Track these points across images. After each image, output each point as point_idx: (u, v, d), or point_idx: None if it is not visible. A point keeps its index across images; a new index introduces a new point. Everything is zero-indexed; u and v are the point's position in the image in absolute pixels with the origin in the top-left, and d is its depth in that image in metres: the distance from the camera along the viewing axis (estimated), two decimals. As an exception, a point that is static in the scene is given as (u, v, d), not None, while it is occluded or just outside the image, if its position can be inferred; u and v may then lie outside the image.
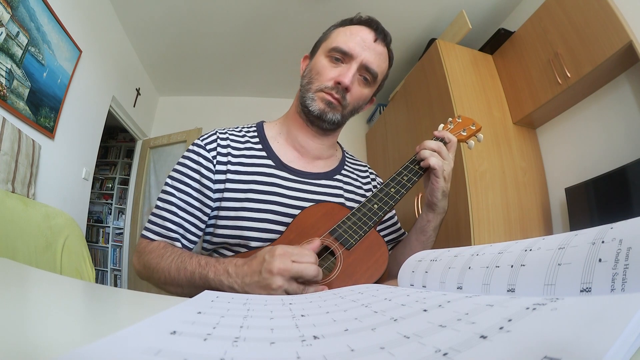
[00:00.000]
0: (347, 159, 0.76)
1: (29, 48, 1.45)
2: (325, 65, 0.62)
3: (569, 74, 1.42)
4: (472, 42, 2.04)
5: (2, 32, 1.29)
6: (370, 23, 0.64)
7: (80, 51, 1.82)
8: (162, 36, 2.40)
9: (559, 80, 1.47)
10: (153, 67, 2.76)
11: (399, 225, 0.75)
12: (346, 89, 0.60)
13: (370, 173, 0.78)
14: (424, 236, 0.62)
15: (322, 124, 0.64)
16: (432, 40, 2.06)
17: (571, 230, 0.40)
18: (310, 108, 0.62)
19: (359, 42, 0.61)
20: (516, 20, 1.99)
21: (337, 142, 0.78)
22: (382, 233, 0.71)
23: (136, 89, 2.65)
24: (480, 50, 1.98)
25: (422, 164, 0.58)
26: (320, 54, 0.65)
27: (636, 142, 1.31)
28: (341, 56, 0.61)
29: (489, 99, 1.78)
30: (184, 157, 0.63)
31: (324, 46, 0.65)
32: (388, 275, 0.69)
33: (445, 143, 0.61)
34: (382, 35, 0.64)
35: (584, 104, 1.56)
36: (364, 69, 0.62)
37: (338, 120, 0.64)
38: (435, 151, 0.58)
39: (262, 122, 0.73)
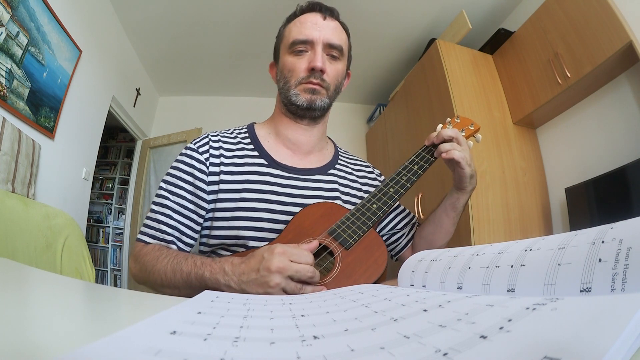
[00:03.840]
0: (340, 153, 0.76)
1: (29, 48, 1.45)
2: (292, 61, 0.64)
3: (569, 74, 1.42)
4: (472, 42, 2.04)
5: (2, 32, 1.29)
6: (313, 7, 0.66)
7: (80, 51, 1.82)
8: (162, 36, 2.40)
9: (559, 80, 1.47)
10: (153, 67, 2.76)
11: (407, 210, 0.77)
12: (321, 71, 0.62)
13: (366, 167, 0.78)
14: (454, 212, 0.65)
15: (313, 113, 0.65)
16: (432, 40, 2.06)
17: (571, 230, 0.40)
18: (297, 103, 0.63)
19: (311, 26, 0.63)
20: (516, 20, 1.99)
21: (329, 138, 0.78)
22: (397, 219, 0.73)
23: (136, 89, 2.65)
24: (480, 50, 1.98)
25: (444, 155, 0.59)
26: (283, 55, 0.66)
27: (636, 142, 1.31)
28: (303, 46, 0.63)
29: (489, 99, 1.78)
30: (177, 161, 0.63)
31: (283, 46, 0.67)
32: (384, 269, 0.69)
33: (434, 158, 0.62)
34: (328, 12, 0.66)
35: (584, 104, 1.56)
36: (328, 47, 0.64)
37: (326, 104, 0.65)
38: (453, 140, 0.59)
39: (253, 123, 0.74)
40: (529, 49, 1.68)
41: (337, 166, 0.72)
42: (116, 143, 3.76)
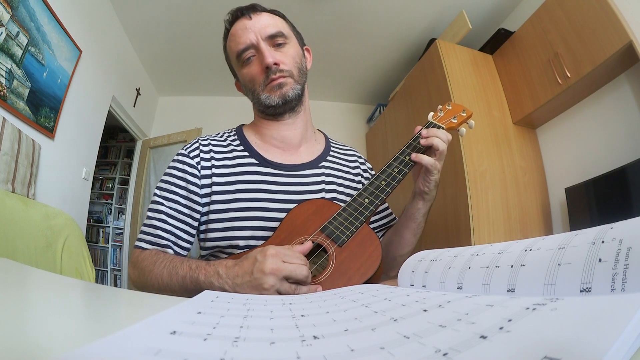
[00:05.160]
0: (332, 145, 0.76)
1: (29, 48, 1.45)
2: (247, 71, 0.65)
3: (569, 74, 1.42)
4: (472, 42, 2.04)
5: (2, 32, 1.29)
6: (235, 15, 0.66)
7: (80, 51, 1.82)
8: (162, 36, 2.40)
9: (559, 80, 1.47)
10: (153, 67, 2.76)
11: (389, 210, 0.76)
12: (276, 64, 0.62)
13: (358, 157, 0.78)
14: (414, 223, 0.63)
15: (290, 105, 0.65)
16: (432, 40, 2.06)
17: (571, 230, 0.40)
18: (272, 104, 0.64)
19: (243, 32, 0.63)
20: (516, 20, 1.99)
21: (320, 130, 0.78)
22: (372, 219, 0.71)
23: (136, 89, 2.65)
24: (480, 50, 1.98)
25: (413, 158, 0.58)
26: (238, 70, 0.68)
27: (636, 142, 1.31)
28: (248, 53, 0.63)
29: (489, 99, 1.78)
30: (169, 167, 0.64)
31: (233, 64, 0.69)
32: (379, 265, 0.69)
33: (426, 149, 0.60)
34: (250, 10, 0.65)
35: (584, 104, 1.56)
36: (268, 39, 0.63)
37: (299, 90, 0.65)
38: (439, 148, 0.58)
39: (242, 125, 0.74)
40: (529, 49, 1.68)
41: (328, 158, 0.72)
42: (116, 143, 3.75)
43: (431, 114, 0.67)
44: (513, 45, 1.80)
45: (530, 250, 0.23)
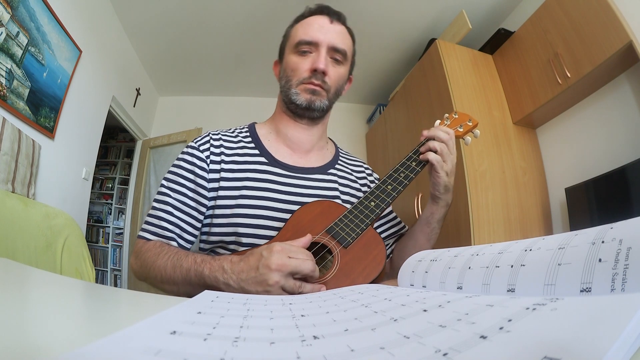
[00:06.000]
0: (340, 154, 0.77)
1: (29, 48, 1.45)
2: (296, 60, 0.64)
3: (569, 74, 1.42)
4: (472, 42, 2.04)
5: (2, 32, 1.29)
6: (321, 10, 0.67)
7: (80, 51, 1.82)
8: (162, 36, 2.40)
9: (559, 80, 1.47)
10: (153, 67, 2.76)
11: (398, 219, 0.76)
12: (323, 73, 0.63)
13: (366, 168, 0.79)
14: (428, 228, 0.64)
15: (312, 114, 0.66)
16: (432, 40, 2.06)
17: (571, 230, 0.40)
18: (297, 102, 0.64)
19: (318, 28, 0.64)
20: (516, 20, 1.99)
21: (330, 138, 0.79)
22: (382, 227, 0.72)
23: (136, 89, 2.65)
24: (480, 50, 1.98)
25: (420, 157, 0.59)
26: (288, 54, 0.67)
27: (636, 142, 1.31)
28: (308, 47, 0.64)
29: (489, 99, 1.78)
30: (178, 159, 0.64)
31: (289, 45, 0.68)
32: (392, 269, 0.69)
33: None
34: (335, 16, 0.66)
35: (584, 104, 1.56)
36: (332, 50, 0.64)
37: (325, 105, 0.66)
38: (437, 149, 0.58)
39: (254, 123, 0.75)
40: (529, 49, 1.68)
41: (337, 166, 0.72)
42: (116, 143, 3.76)
43: (437, 121, 0.68)
44: (513, 45, 1.80)
45: (530, 250, 0.23)
